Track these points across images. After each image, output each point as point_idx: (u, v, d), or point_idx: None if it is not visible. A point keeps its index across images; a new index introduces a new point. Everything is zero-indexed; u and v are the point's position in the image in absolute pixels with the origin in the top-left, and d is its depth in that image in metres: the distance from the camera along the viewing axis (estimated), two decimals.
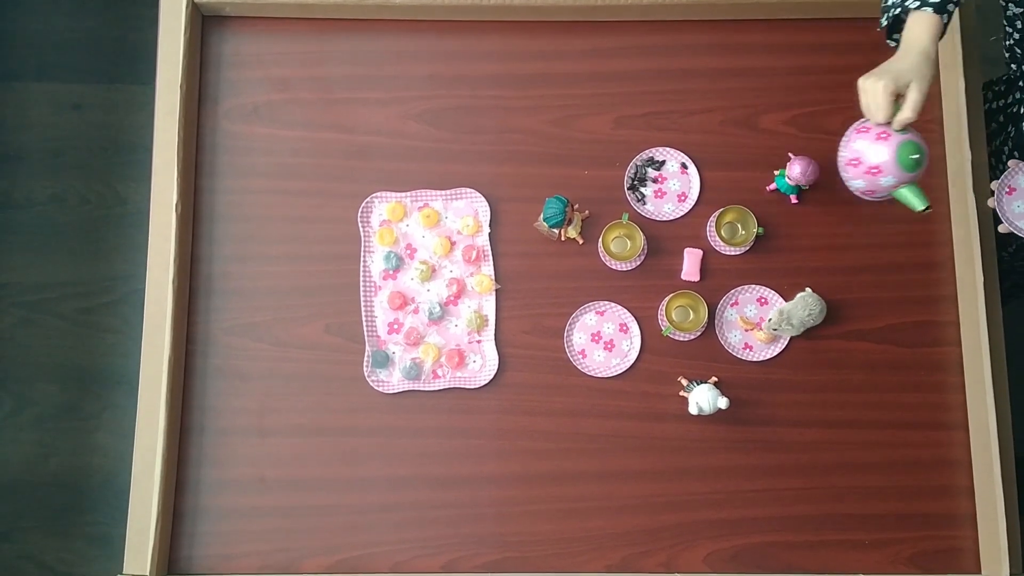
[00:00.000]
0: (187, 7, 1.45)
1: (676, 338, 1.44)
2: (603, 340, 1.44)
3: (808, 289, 1.40)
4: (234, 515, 1.40)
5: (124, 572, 1.35)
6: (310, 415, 1.42)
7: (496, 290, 1.45)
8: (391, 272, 1.45)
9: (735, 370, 1.43)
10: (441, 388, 1.43)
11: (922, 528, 1.40)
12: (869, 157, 1.20)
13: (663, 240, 1.46)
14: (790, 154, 1.45)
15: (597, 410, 1.42)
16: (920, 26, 1.20)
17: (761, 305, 1.45)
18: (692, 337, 1.44)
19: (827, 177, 1.46)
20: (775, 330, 1.39)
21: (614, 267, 1.46)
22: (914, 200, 1.21)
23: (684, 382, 1.42)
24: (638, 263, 1.46)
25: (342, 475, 1.41)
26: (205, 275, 1.46)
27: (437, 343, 1.44)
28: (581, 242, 1.46)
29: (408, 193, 1.47)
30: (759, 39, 1.51)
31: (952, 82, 1.46)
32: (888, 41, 1.26)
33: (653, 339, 1.44)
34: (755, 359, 1.43)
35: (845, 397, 1.43)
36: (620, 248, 1.45)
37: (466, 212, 1.47)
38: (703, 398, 1.33)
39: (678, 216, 1.47)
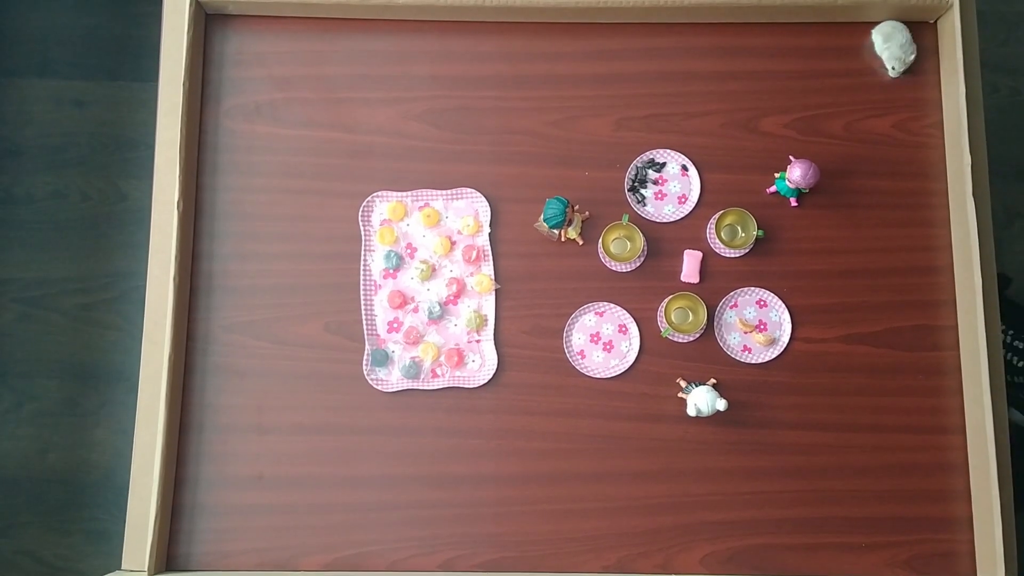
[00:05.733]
0: (190, 5, 1.45)
1: (675, 340, 1.45)
2: (602, 341, 1.44)
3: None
4: (232, 512, 1.41)
5: (122, 568, 1.36)
6: (309, 413, 1.43)
7: (496, 290, 1.46)
8: (391, 271, 1.46)
9: (734, 372, 1.44)
10: (440, 387, 1.43)
11: (919, 531, 1.41)
12: None
13: (663, 242, 1.47)
14: (791, 157, 1.46)
15: (595, 411, 1.43)
16: None
17: (760, 308, 1.45)
18: (691, 339, 1.44)
19: (827, 180, 1.47)
20: (904, 71, 1.47)
21: (614, 268, 1.46)
22: None
23: (683, 384, 1.43)
24: (638, 264, 1.46)
25: (340, 473, 1.41)
26: (206, 272, 1.46)
27: (436, 342, 1.44)
28: (581, 243, 1.46)
29: (409, 193, 1.47)
30: (760, 42, 1.51)
31: (952, 87, 1.46)
32: None
33: (652, 340, 1.45)
34: (754, 361, 1.44)
35: (843, 400, 1.44)
36: (620, 249, 1.45)
37: (466, 212, 1.47)
38: (701, 400, 1.33)
39: (678, 218, 1.47)
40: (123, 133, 2.26)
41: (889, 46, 1.48)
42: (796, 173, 1.42)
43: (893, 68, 1.48)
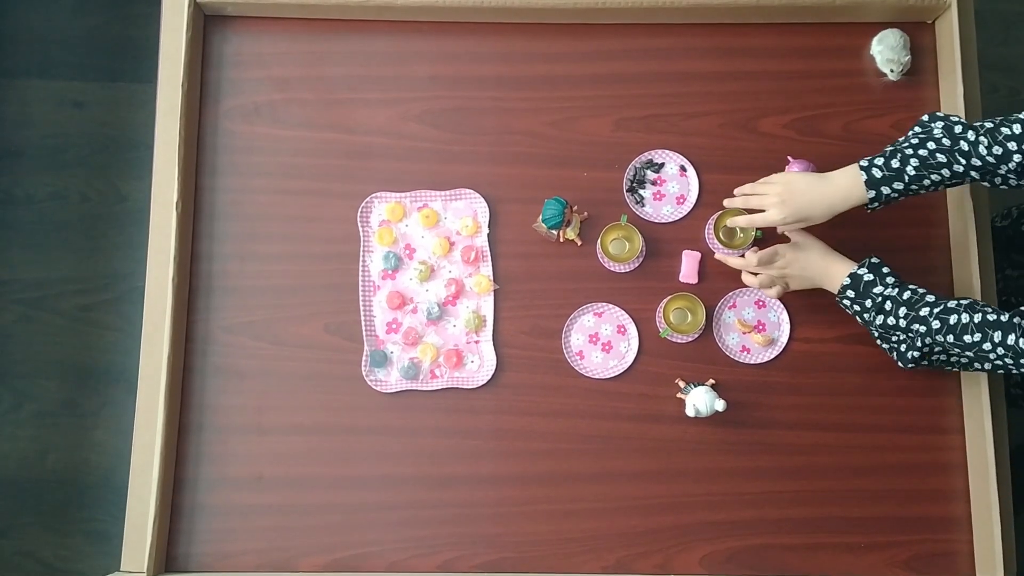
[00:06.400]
0: (189, 6, 1.45)
1: (674, 340, 1.45)
2: (601, 341, 1.44)
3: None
4: (232, 513, 1.41)
5: (122, 569, 1.36)
6: (308, 414, 1.43)
7: (494, 291, 1.46)
8: (390, 272, 1.46)
9: (732, 372, 1.44)
10: (439, 388, 1.43)
11: (918, 531, 1.41)
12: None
13: (661, 242, 1.47)
14: (789, 157, 1.46)
15: (594, 411, 1.43)
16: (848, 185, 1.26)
17: (759, 308, 1.45)
18: (690, 339, 1.44)
19: None
20: (903, 73, 1.48)
21: (612, 269, 1.46)
22: None
23: (681, 384, 1.43)
24: (636, 265, 1.46)
25: (339, 474, 1.42)
26: (205, 273, 1.46)
27: (435, 343, 1.44)
28: (580, 243, 1.46)
29: (408, 193, 1.47)
30: (758, 43, 1.51)
31: (950, 87, 1.46)
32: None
33: (651, 341, 1.45)
34: (752, 362, 1.44)
35: (842, 400, 1.44)
36: (619, 250, 1.45)
37: (465, 213, 1.47)
38: (700, 400, 1.33)
39: (677, 218, 1.47)
40: (122, 134, 2.26)
41: (881, 49, 1.48)
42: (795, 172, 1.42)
43: (892, 71, 1.48)
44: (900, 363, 1.29)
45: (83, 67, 2.29)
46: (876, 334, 1.30)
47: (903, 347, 1.26)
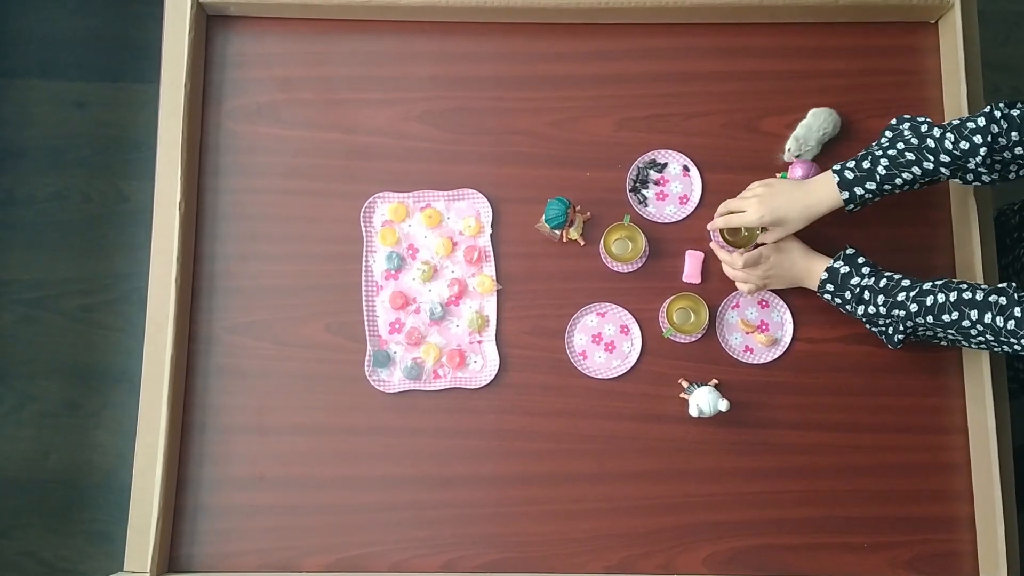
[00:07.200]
0: (192, 6, 1.45)
1: (677, 340, 1.44)
2: (604, 341, 1.44)
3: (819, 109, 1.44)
4: (234, 513, 1.41)
5: (125, 570, 1.36)
6: (311, 414, 1.43)
7: (497, 291, 1.46)
8: (393, 272, 1.46)
9: (736, 372, 1.44)
10: (442, 388, 1.43)
11: (921, 532, 1.41)
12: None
13: (665, 242, 1.47)
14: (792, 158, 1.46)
15: (597, 411, 1.43)
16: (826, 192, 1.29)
17: (762, 308, 1.45)
18: (693, 339, 1.44)
19: None
20: (797, 156, 1.45)
21: (615, 269, 1.46)
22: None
23: (684, 384, 1.42)
24: (639, 265, 1.46)
25: (342, 474, 1.41)
26: (207, 274, 1.46)
27: (438, 343, 1.44)
28: (583, 243, 1.46)
29: (410, 193, 1.47)
30: (761, 42, 1.51)
31: (953, 87, 1.46)
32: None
33: (654, 341, 1.45)
34: (755, 362, 1.44)
35: (845, 400, 1.43)
36: (621, 250, 1.45)
37: (468, 213, 1.47)
38: (703, 400, 1.33)
39: (680, 218, 1.47)
40: (124, 134, 2.26)
41: (808, 123, 1.45)
42: (798, 173, 1.42)
43: (789, 150, 1.46)
44: (889, 345, 1.32)
45: (85, 67, 2.30)
46: (863, 321, 1.32)
47: (889, 330, 1.30)
